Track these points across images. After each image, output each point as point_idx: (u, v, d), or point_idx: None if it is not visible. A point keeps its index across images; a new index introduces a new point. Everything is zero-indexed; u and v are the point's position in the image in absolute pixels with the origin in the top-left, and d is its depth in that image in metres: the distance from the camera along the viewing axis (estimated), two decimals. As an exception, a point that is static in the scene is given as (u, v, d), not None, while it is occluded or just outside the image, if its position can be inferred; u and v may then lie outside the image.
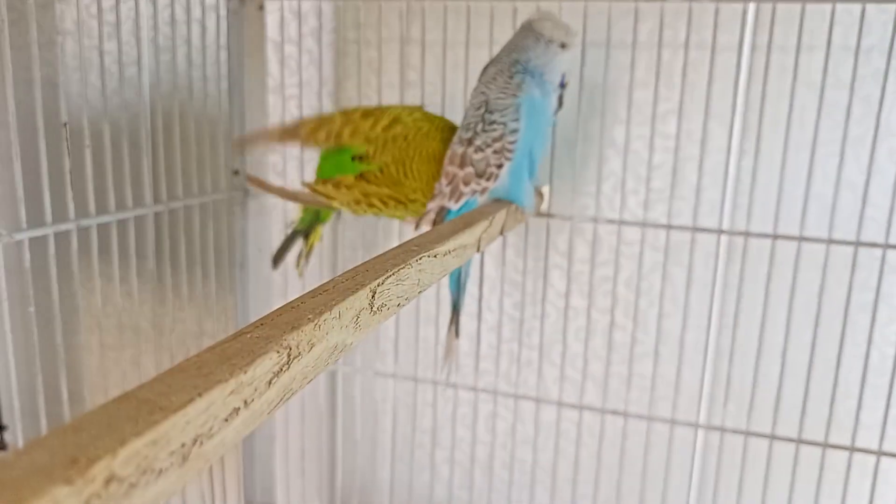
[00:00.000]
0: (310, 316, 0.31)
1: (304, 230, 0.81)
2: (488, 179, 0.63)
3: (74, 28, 0.87)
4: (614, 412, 0.77)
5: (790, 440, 0.72)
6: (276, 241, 0.89)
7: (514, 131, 0.62)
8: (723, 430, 0.74)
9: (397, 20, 0.80)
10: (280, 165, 0.89)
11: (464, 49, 0.76)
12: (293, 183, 0.89)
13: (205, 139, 0.78)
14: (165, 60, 0.84)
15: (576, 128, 0.75)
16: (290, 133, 0.76)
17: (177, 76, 0.73)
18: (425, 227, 0.67)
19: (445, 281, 0.87)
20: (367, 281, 0.37)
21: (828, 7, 0.65)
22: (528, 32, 0.63)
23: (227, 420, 0.24)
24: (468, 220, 0.56)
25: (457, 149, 0.64)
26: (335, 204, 0.72)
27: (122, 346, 0.89)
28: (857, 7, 0.67)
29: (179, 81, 0.78)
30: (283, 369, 0.28)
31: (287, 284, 0.88)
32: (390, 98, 0.84)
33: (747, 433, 0.73)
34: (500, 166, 0.63)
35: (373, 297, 0.37)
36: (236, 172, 0.82)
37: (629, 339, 0.80)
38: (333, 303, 0.34)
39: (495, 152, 0.62)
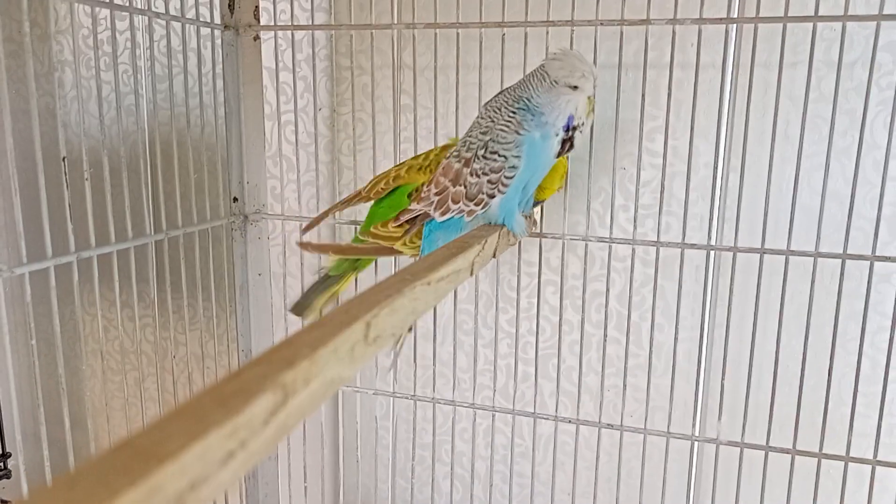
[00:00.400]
0: (305, 351, 0.33)
1: (337, 276, 0.78)
2: (477, 205, 0.63)
3: (72, 59, 0.89)
4: (610, 426, 0.78)
5: (785, 451, 0.73)
6: (276, 266, 0.90)
7: (514, 167, 0.62)
8: (718, 442, 0.75)
9: (389, 46, 0.82)
10: (277, 189, 0.90)
11: (454, 73, 0.78)
12: (290, 208, 0.91)
13: (203, 167, 0.79)
14: (162, 90, 0.85)
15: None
16: (349, 201, 0.75)
17: (174, 105, 0.75)
18: (396, 223, 0.67)
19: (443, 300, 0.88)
20: (361, 314, 0.39)
21: (809, 25, 0.67)
22: (538, 69, 0.63)
23: (223, 463, 0.25)
24: (461, 244, 0.58)
25: (453, 163, 0.64)
26: (398, 245, 0.70)
27: (126, 371, 0.90)
28: (838, 24, 0.68)
29: (177, 111, 0.80)
30: (280, 408, 0.29)
31: (286, 307, 0.89)
32: (384, 121, 0.86)
33: (742, 445, 0.74)
34: (492, 196, 0.63)
35: (367, 329, 0.38)
36: (235, 199, 0.83)
37: (623, 352, 0.81)
38: (329, 337, 0.35)
39: (490, 182, 0.62)
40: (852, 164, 0.70)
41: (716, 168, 0.74)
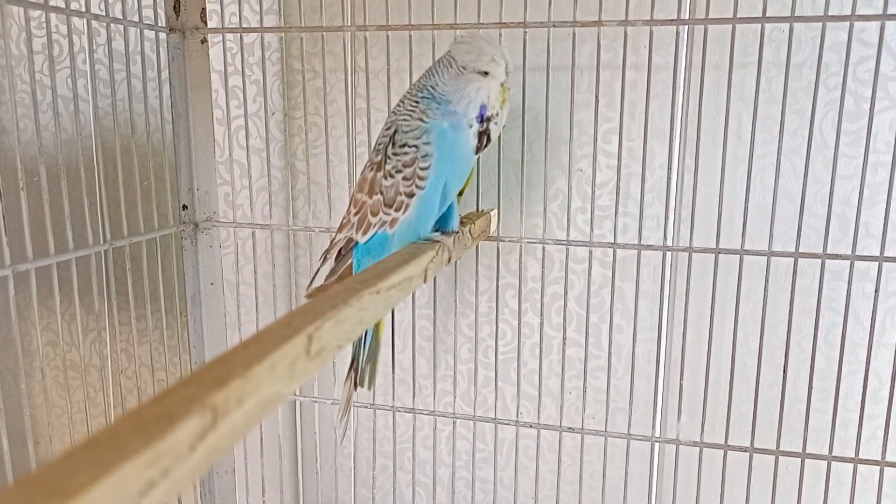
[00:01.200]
0: (239, 370, 0.31)
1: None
2: (397, 210, 0.57)
3: (5, 62, 0.86)
4: (571, 429, 0.78)
5: (743, 450, 0.73)
6: (229, 274, 0.88)
7: (427, 156, 0.55)
8: (678, 442, 0.75)
9: (342, 49, 0.80)
10: (230, 196, 0.88)
11: (408, 75, 0.76)
12: (244, 214, 0.88)
13: (150, 174, 0.77)
14: (105, 95, 0.82)
15: (521, 149, 0.75)
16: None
17: (118, 112, 0.72)
18: (328, 263, 0.62)
19: (398, 306, 0.87)
20: (304, 326, 0.37)
21: (758, 27, 0.67)
22: (445, 55, 0.57)
23: (141, 495, 0.23)
24: (415, 250, 0.57)
25: (367, 173, 0.58)
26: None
27: (72, 387, 0.87)
28: (786, 25, 0.69)
29: (121, 117, 0.77)
30: (208, 431, 0.28)
31: (240, 317, 0.87)
32: (339, 125, 0.84)
33: (702, 445, 0.74)
34: (410, 195, 0.56)
35: (309, 342, 0.37)
36: (185, 207, 0.81)
37: (583, 354, 0.80)
38: (266, 353, 0.33)
39: (406, 179, 0.56)
40: (803, 164, 0.71)
41: (670, 169, 0.75)
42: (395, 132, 0.57)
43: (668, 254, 0.76)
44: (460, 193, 0.67)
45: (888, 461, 0.70)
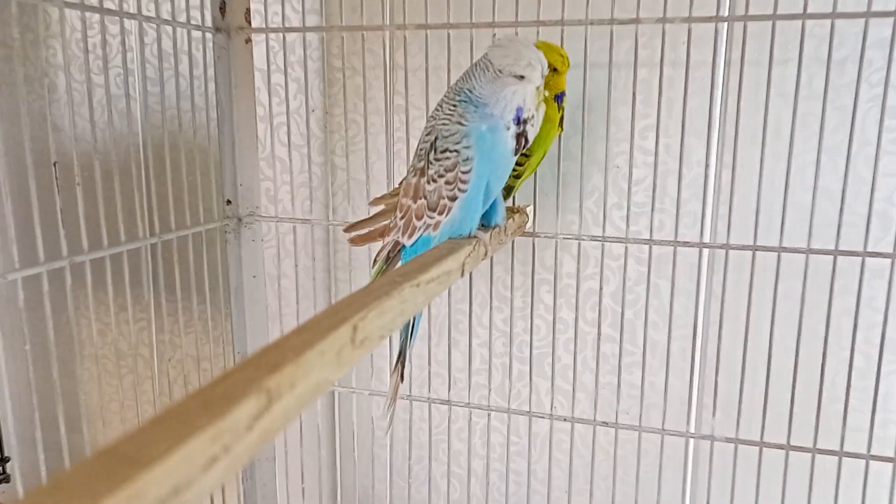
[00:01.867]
0: (291, 355, 0.33)
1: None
2: (441, 213, 0.58)
3: (63, 63, 0.90)
4: (605, 423, 0.79)
5: (780, 447, 0.73)
6: (271, 267, 0.90)
7: (468, 160, 0.56)
8: (713, 438, 0.75)
9: (381, 47, 0.82)
10: (272, 191, 0.90)
11: (446, 73, 0.78)
12: (285, 209, 0.91)
13: (196, 170, 0.80)
14: (154, 93, 0.85)
15: (558, 146, 0.76)
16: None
17: (166, 109, 0.75)
18: (379, 263, 0.64)
19: (435, 300, 0.88)
20: (349, 316, 0.39)
21: (799, 23, 0.67)
22: (482, 58, 0.58)
23: (206, 468, 0.25)
24: (452, 245, 0.58)
25: (410, 179, 0.60)
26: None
27: (121, 375, 0.91)
28: (827, 21, 0.68)
29: (169, 113, 0.80)
30: (264, 412, 0.29)
31: (281, 309, 0.89)
32: (377, 122, 0.86)
33: (737, 441, 0.74)
34: (453, 199, 0.57)
35: (354, 331, 0.39)
36: (229, 202, 0.83)
37: (617, 350, 0.81)
38: (316, 340, 0.35)
39: (448, 183, 0.57)
40: (844, 161, 0.70)
41: (707, 166, 0.75)
42: (437, 138, 0.58)
43: (705, 251, 0.76)
44: (512, 188, 0.69)
45: (929, 462, 0.69)
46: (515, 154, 0.59)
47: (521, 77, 0.56)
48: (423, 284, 0.48)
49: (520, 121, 0.57)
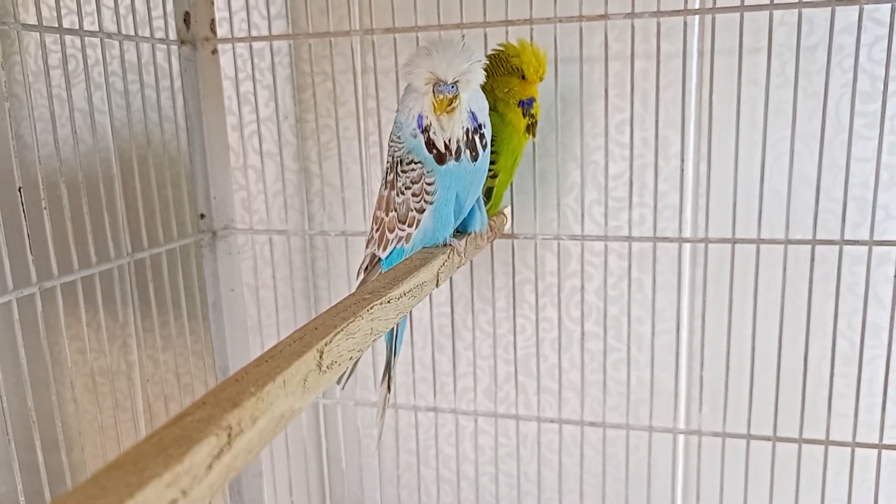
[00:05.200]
0: (252, 389, 0.32)
1: None
2: (410, 225, 0.57)
3: (24, 83, 0.88)
4: (592, 423, 0.78)
5: (766, 439, 0.73)
6: (249, 279, 0.89)
7: (431, 171, 0.55)
8: (700, 433, 0.75)
9: (349, 51, 0.81)
10: (247, 202, 0.89)
11: (416, 76, 0.77)
12: (261, 219, 0.90)
13: (167, 185, 0.78)
14: (121, 107, 0.84)
15: (532, 144, 0.75)
16: None
17: (133, 124, 0.73)
18: (361, 276, 0.64)
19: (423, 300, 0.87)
20: (315, 341, 0.38)
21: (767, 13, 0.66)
22: None
23: (161, 517, 0.24)
24: (426, 255, 0.57)
25: (382, 191, 0.59)
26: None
27: (101, 394, 0.89)
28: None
29: (136, 128, 0.78)
30: (224, 451, 0.29)
31: (261, 320, 0.89)
32: (350, 126, 0.85)
33: (724, 435, 0.74)
34: (421, 210, 0.57)
35: (321, 356, 0.38)
36: (202, 216, 0.82)
37: (603, 347, 0.80)
38: (278, 370, 0.34)
39: (414, 195, 0.56)
40: (818, 147, 0.70)
41: (683, 158, 0.74)
42: (397, 150, 0.57)
43: (685, 245, 0.75)
44: (492, 190, 0.68)
45: (914, 446, 0.69)
46: (475, 161, 0.56)
47: (412, 84, 0.54)
48: (393, 300, 0.47)
49: (423, 128, 0.54)
